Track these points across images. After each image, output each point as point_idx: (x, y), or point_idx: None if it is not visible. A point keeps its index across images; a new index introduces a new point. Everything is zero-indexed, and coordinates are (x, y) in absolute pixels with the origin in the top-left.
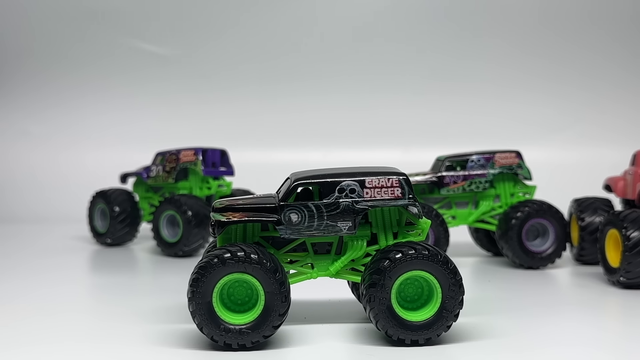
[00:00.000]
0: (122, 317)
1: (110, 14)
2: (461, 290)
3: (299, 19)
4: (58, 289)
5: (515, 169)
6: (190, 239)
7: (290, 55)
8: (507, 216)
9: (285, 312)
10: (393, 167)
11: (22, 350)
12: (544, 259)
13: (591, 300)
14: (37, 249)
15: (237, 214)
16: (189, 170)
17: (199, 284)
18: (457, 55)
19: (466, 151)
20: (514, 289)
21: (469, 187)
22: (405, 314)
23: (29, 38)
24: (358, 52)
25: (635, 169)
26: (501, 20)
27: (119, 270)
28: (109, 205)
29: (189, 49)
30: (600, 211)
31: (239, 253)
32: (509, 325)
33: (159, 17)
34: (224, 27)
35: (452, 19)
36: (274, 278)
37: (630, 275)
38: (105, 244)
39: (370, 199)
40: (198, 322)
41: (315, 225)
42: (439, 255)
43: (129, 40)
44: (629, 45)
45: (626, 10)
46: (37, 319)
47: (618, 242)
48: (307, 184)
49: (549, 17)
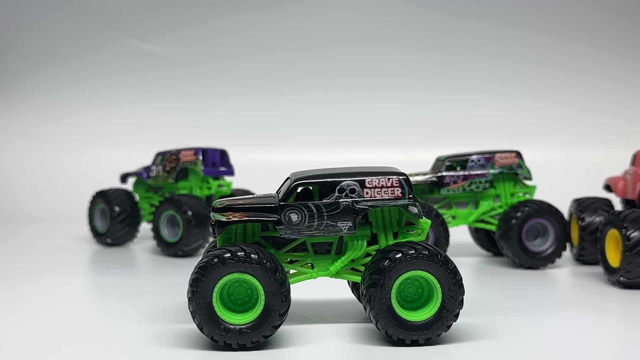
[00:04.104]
0: (122, 317)
1: (111, 15)
2: (461, 290)
3: (299, 19)
4: (58, 288)
5: (515, 169)
6: (190, 239)
7: (290, 55)
8: (507, 216)
9: (285, 312)
10: (393, 167)
11: (22, 350)
12: (544, 259)
13: (591, 300)
14: (37, 249)
15: (237, 214)
16: (189, 170)
17: (199, 283)
18: (458, 55)
19: (466, 151)
20: (514, 289)
21: (469, 187)
22: (405, 313)
23: (29, 39)
24: (358, 52)
25: (635, 169)
26: (501, 21)
27: (119, 270)
28: (109, 205)
29: (189, 49)
30: (600, 211)
31: (239, 253)
32: (509, 325)
33: (159, 17)
34: (224, 27)
35: (453, 20)
36: (274, 278)
37: (630, 275)
38: (105, 244)
39: (370, 198)
40: (198, 322)
41: (316, 225)
42: (439, 255)
43: (130, 41)
44: (629, 45)
45: (626, 10)
46: (37, 319)
47: (618, 242)
48: (307, 184)
49: (549, 17)
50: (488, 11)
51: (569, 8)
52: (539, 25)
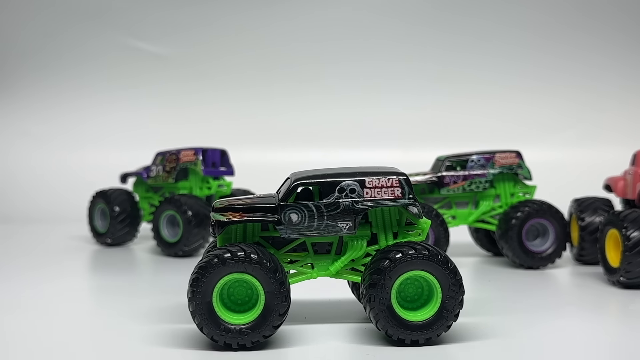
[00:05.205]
0: (122, 317)
1: (112, 15)
2: (461, 290)
3: (299, 18)
4: (58, 288)
5: (515, 169)
6: (190, 239)
7: (290, 55)
8: (507, 216)
9: (285, 312)
10: (393, 167)
11: (22, 350)
12: (544, 259)
13: (591, 300)
14: (37, 249)
15: (237, 214)
16: (189, 170)
17: (199, 284)
18: (458, 55)
19: (466, 151)
20: (514, 289)
21: (469, 187)
22: (405, 313)
23: (29, 38)
24: (358, 52)
25: (635, 169)
26: (501, 21)
27: (119, 270)
28: (109, 205)
29: (189, 50)
30: (600, 211)
31: (239, 253)
32: (509, 325)
33: (160, 17)
34: (224, 27)
35: (452, 20)
36: (274, 278)
37: (630, 275)
38: (105, 244)
39: (370, 199)
40: (198, 322)
41: (316, 225)
42: (439, 255)
43: (130, 41)
44: (629, 45)
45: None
46: (37, 318)
47: (618, 242)
48: (307, 184)
49: (549, 17)
50: (489, 11)
51: (569, 8)
52: (539, 25)
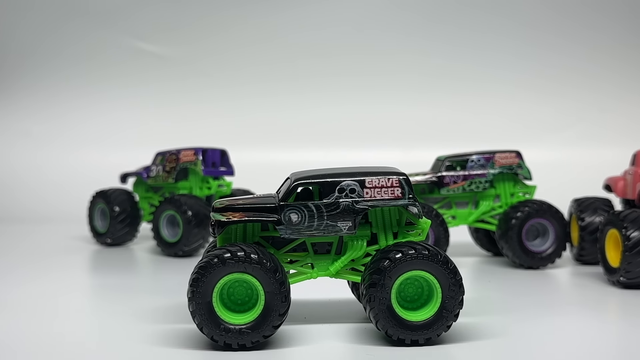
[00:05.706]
0: (122, 317)
1: (112, 14)
2: (461, 290)
3: (299, 18)
4: (58, 288)
5: (515, 169)
6: (190, 239)
7: (290, 54)
8: (507, 216)
9: (285, 312)
10: (393, 167)
11: (22, 350)
12: (544, 259)
13: (591, 300)
14: (37, 249)
15: (237, 214)
16: (189, 170)
17: (199, 283)
18: (458, 55)
19: (466, 151)
20: (514, 289)
21: (469, 187)
22: (405, 313)
23: (29, 38)
24: (358, 51)
25: (635, 169)
26: (501, 20)
27: (119, 270)
28: (109, 205)
29: (189, 49)
30: (600, 211)
31: (239, 253)
32: (509, 325)
33: (160, 17)
34: (223, 26)
35: (452, 19)
36: (274, 278)
37: (630, 275)
38: (105, 244)
39: (370, 199)
40: (198, 322)
41: (315, 225)
42: (439, 255)
43: (130, 41)
44: (629, 44)
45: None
46: (37, 318)
47: (618, 242)
48: (307, 184)
49: (549, 16)
50: (489, 11)
51: (570, 8)
52: (540, 25)
